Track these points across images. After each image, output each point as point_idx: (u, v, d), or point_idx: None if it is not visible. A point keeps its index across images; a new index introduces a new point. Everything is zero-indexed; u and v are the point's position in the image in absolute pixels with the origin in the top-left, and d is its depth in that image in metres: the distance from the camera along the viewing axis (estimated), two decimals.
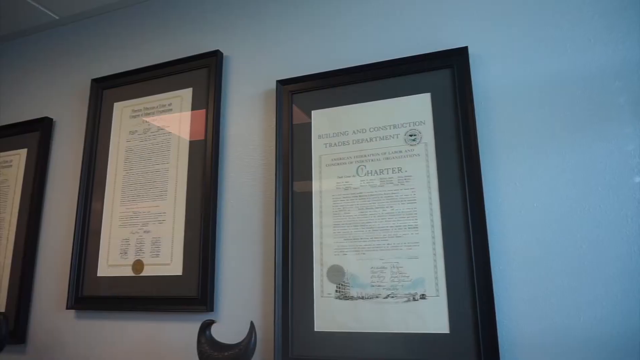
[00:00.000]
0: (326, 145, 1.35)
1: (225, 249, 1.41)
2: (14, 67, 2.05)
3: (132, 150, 1.60)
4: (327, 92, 1.39)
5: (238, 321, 1.35)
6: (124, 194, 1.57)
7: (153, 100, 1.62)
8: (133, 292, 1.47)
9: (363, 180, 1.29)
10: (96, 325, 1.54)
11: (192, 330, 1.39)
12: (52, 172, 1.78)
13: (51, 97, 1.89)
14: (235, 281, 1.38)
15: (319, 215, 1.31)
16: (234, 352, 1.12)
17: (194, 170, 1.48)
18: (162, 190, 1.51)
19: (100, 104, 1.72)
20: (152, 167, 1.55)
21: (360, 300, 1.22)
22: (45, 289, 1.67)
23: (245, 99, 1.51)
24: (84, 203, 1.62)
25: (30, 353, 1.63)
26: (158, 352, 1.42)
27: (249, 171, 1.45)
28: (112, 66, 1.78)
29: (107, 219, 1.57)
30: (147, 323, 1.46)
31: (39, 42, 2.01)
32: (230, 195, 1.45)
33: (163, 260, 1.45)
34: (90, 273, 1.55)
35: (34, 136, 1.83)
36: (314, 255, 1.29)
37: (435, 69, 1.28)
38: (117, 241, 1.54)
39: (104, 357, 1.50)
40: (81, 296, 1.55)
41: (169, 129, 1.56)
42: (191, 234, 1.43)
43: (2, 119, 1.98)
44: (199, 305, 1.36)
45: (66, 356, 1.56)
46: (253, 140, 1.47)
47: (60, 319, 1.60)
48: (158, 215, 1.49)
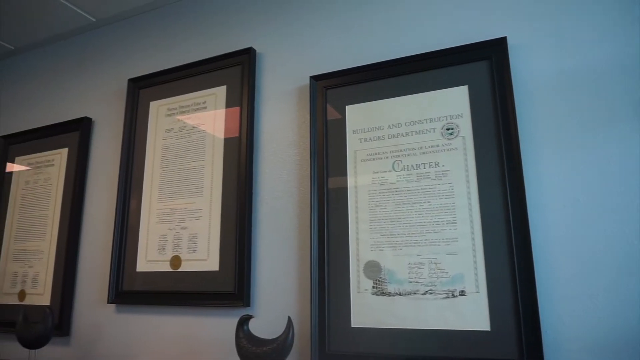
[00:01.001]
0: (361, 140, 1.34)
1: (261, 244, 1.42)
2: (55, 70, 2.11)
3: (168, 148, 1.63)
4: (362, 86, 1.38)
5: (274, 316, 1.35)
6: (161, 191, 1.60)
7: (188, 99, 1.64)
8: (171, 287, 1.50)
9: (399, 175, 1.27)
10: (135, 319, 1.57)
11: (229, 325, 1.41)
12: (92, 170, 1.83)
13: (90, 98, 1.94)
14: (271, 277, 1.39)
15: (355, 210, 1.30)
16: (272, 347, 1.13)
17: (229, 167, 1.49)
18: (198, 187, 1.53)
19: (137, 104, 1.75)
20: (187, 165, 1.57)
21: (397, 296, 1.21)
22: (87, 284, 1.72)
23: (278, 95, 1.52)
24: (123, 200, 1.66)
25: (74, 345, 1.68)
26: (196, 346, 1.45)
27: (283, 167, 1.45)
28: (148, 66, 1.81)
29: (145, 215, 1.61)
30: (185, 317, 1.48)
31: (77, 45, 2.07)
32: (265, 191, 1.46)
33: (200, 256, 1.47)
34: (130, 268, 1.59)
35: (74, 136, 1.88)
36: (350, 250, 1.28)
37: (472, 60, 1.26)
38: (155, 237, 1.57)
39: (144, 350, 1.53)
40: (121, 291, 1.59)
41: (203, 126, 1.58)
42: (227, 229, 1.44)
43: (44, 120, 2.04)
44: (235, 300, 1.38)
45: (107, 349, 1.60)
46: (287, 136, 1.47)
47: (102, 313, 1.65)
48: (194, 212, 1.51)
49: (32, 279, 1.81)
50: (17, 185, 1.98)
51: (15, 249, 1.89)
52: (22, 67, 2.24)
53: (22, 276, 1.84)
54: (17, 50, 2.26)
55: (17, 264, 1.87)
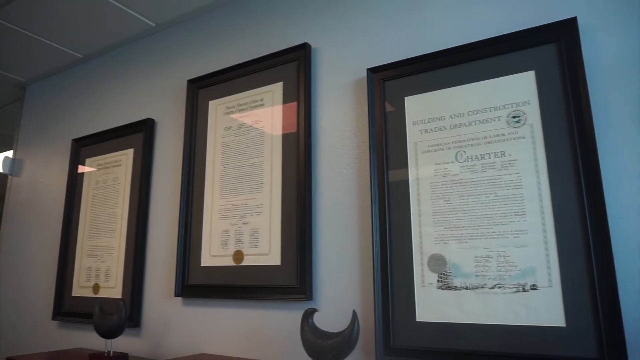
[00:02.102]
0: (421, 131, 1.32)
1: (322, 238, 1.43)
2: (119, 75, 2.22)
3: (228, 145, 1.67)
4: (420, 77, 1.35)
5: (336, 310, 1.36)
6: (222, 187, 1.64)
7: (245, 97, 1.67)
8: (234, 281, 1.54)
9: (463, 166, 1.24)
10: (201, 312, 1.63)
11: (292, 318, 1.43)
12: (156, 169, 1.91)
13: (152, 100, 2.02)
14: (333, 270, 1.39)
15: (417, 203, 1.28)
16: (338, 340, 1.13)
17: (288, 162, 1.51)
18: (258, 183, 1.56)
19: (197, 103, 1.81)
20: (247, 161, 1.60)
21: (464, 290, 1.18)
22: (155, 278, 1.79)
23: (335, 89, 1.52)
24: (186, 197, 1.72)
25: (144, 336, 1.76)
26: (259, 338, 1.48)
27: (342, 161, 1.45)
28: (206, 66, 1.86)
29: (208, 211, 1.66)
30: (249, 310, 1.52)
31: (139, 49, 2.16)
32: (324, 185, 1.46)
33: (262, 250, 1.50)
34: (194, 263, 1.65)
35: (138, 137, 1.97)
36: (413, 244, 1.26)
37: (538, 44, 1.20)
38: (217, 233, 1.61)
39: (210, 341, 1.58)
40: (187, 285, 1.65)
41: (261, 123, 1.60)
42: (288, 224, 1.46)
43: (111, 123, 2.15)
44: (298, 294, 1.39)
45: (176, 340, 1.67)
46: (345, 130, 1.47)
47: (169, 306, 1.72)
48: (255, 207, 1.54)
49: (104, 273, 1.92)
50: (89, 185, 2.10)
51: (89, 245, 2.01)
52: (90, 73, 2.37)
53: (95, 270, 1.96)
54: (84, 58, 2.39)
55: (91, 259, 1.99)
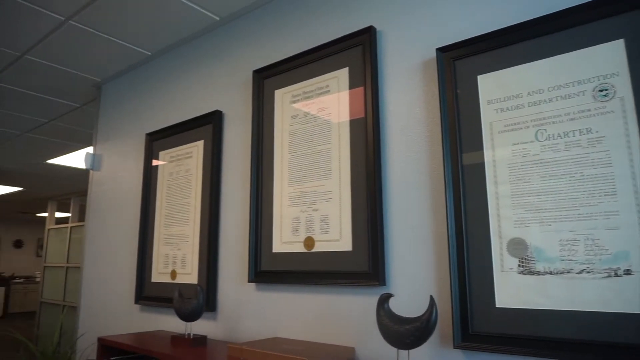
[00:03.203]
0: (497, 110, 1.26)
1: (394, 223, 1.41)
2: (187, 69, 2.30)
3: (295, 133, 1.69)
4: (494, 54, 1.29)
5: (410, 295, 1.34)
6: (291, 175, 1.66)
7: (311, 84, 1.68)
8: (306, 267, 1.56)
9: (544, 146, 1.17)
10: (274, 297, 1.67)
11: (365, 303, 1.43)
12: (226, 159, 1.97)
13: (219, 92, 2.08)
14: (406, 255, 1.37)
15: (494, 185, 1.23)
16: (416, 325, 1.12)
17: (356, 148, 1.50)
18: (327, 169, 1.56)
19: (262, 93, 1.84)
20: (315, 149, 1.61)
21: (547, 275, 1.12)
22: (229, 264, 1.86)
23: (403, 72, 1.48)
24: (256, 185, 1.76)
25: (220, 320, 1.84)
26: (332, 323, 1.49)
27: (412, 145, 1.42)
28: (271, 56, 1.89)
29: (278, 199, 1.69)
30: (321, 296, 1.54)
31: (204, 44, 2.23)
32: (394, 170, 1.44)
33: (332, 236, 1.51)
34: (267, 250, 1.69)
35: (207, 128, 2.04)
36: (491, 228, 1.22)
37: (628, 10, 1.10)
38: (288, 220, 1.64)
39: (283, 326, 1.62)
40: (260, 271, 1.70)
41: (328, 110, 1.60)
42: (358, 210, 1.46)
43: (181, 116, 2.24)
44: (370, 279, 1.39)
45: (250, 324, 1.73)
46: (415, 113, 1.44)
47: (243, 291, 1.78)
48: (325, 194, 1.55)
49: (181, 260, 2.01)
50: (163, 177, 2.20)
51: (165, 233, 2.12)
52: (159, 70, 2.47)
53: (172, 258, 2.06)
54: (153, 56, 2.49)
55: (167, 247, 2.09)
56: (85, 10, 2.07)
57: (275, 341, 1.51)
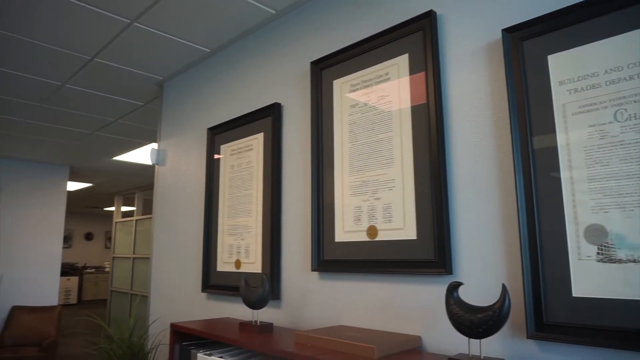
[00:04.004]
0: (570, 91, 1.20)
1: (460, 211, 1.39)
2: (245, 63, 2.35)
3: (355, 123, 1.68)
4: (565, 32, 1.23)
5: (479, 284, 1.32)
6: (352, 164, 1.67)
7: (370, 72, 1.67)
8: (369, 256, 1.57)
9: (624, 127, 1.11)
10: (338, 286, 1.69)
11: (430, 292, 1.41)
12: (286, 151, 2.00)
13: (278, 84, 2.11)
14: (473, 244, 1.34)
15: (568, 170, 1.18)
16: (488, 314, 1.10)
17: (418, 134, 1.48)
18: (389, 158, 1.55)
19: (321, 84, 1.85)
20: (376, 137, 1.60)
21: (631, 263, 1.06)
22: (292, 253, 1.90)
23: (465, 55, 1.44)
24: (316, 176, 1.78)
25: (284, 308, 1.88)
26: (397, 312, 1.49)
27: (478, 130, 1.38)
28: (328, 46, 1.89)
29: (339, 189, 1.70)
30: (385, 285, 1.54)
31: (261, 37, 2.26)
32: (459, 156, 1.41)
33: (396, 225, 1.50)
34: (329, 239, 1.71)
35: (267, 121, 2.08)
36: (566, 214, 1.17)
37: None
38: (350, 209, 1.65)
39: (347, 314, 1.64)
40: (323, 260, 1.72)
41: (388, 97, 1.59)
42: (422, 198, 1.44)
43: (241, 110, 2.29)
44: (436, 268, 1.38)
45: (314, 312, 1.76)
46: (479, 97, 1.39)
47: (306, 280, 1.81)
48: (387, 183, 1.54)
49: (244, 250, 2.08)
50: (225, 170, 2.27)
51: (229, 224, 2.19)
52: (218, 66, 2.54)
53: (236, 248, 2.12)
54: (212, 52, 2.57)
55: (231, 237, 2.16)
56: (149, 11, 2.16)
57: (340, 329, 1.53)
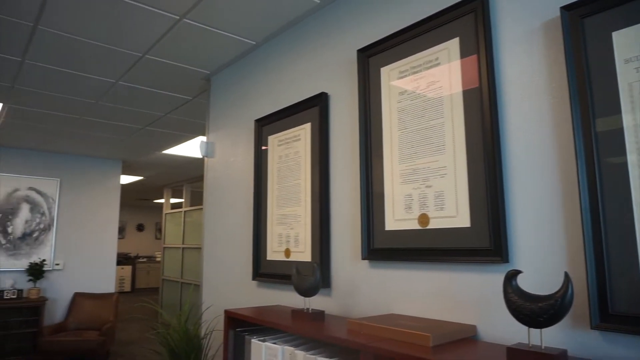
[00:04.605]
0: (638, 69, 1.13)
1: (516, 198, 1.34)
2: (290, 54, 2.36)
3: (404, 110, 1.66)
4: (630, 6, 1.16)
5: (537, 272, 1.28)
6: (402, 152, 1.65)
7: (418, 58, 1.64)
8: (421, 244, 1.55)
9: None
10: (388, 274, 1.68)
11: (485, 280, 1.38)
12: (333, 140, 2.01)
13: (324, 74, 2.11)
14: (531, 231, 1.30)
15: (636, 152, 1.11)
16: (549, 303, 1.07)
17: (471, 120, 1.44)
18: (440, 145, 1.52)
19: (368, 72, 1.83)
20: (426, 124, 1.58)
21: None
22: (341, 242, 1.91)
23: (520, 36, 1.39)
24: (365, 165, 1.77)
25: (335, 296, 1.90)
26: (450, 300, 1.47)
27: (534, 114, 1.33)
28: (374, 33, 1.87)
29: (389, 177, 1.69)
30: (437, 273, 1.52)
31: (306, 27, 2.27)
32: (514, 141, 1.37)
33: (448, 213, 1.48)
34: (379, 227, 1.70)
35: (314, 111, 2.08)
36: (634, 199, 1.11)
37: None
38: (400, 197, 1.64)
39: (398, 303, 1.63)
40: (373, 248, 1.72)
41: (438, 83, 1.56)
42: (476, 184, 1.41)
43: (288, 100, 2.31)
44: (492, 256, 1.34)
45: (364, 300, 1.76)
46: (536, 80, 1.34)
47: (356, 268, 1.82)
48: (438, 170, 1.52)
49: (294, 239, 2.10)
50: (273, 160, 2.30)
51: (278, 214, 2.22)
52: (264, 58, 2.57)
53: (285, 237, 2.16)
54: (258, 45, 2.60)
55: (280, 226, 2.19)
56: (198, 6, 2.20)
57: (392, 317, 1.53)
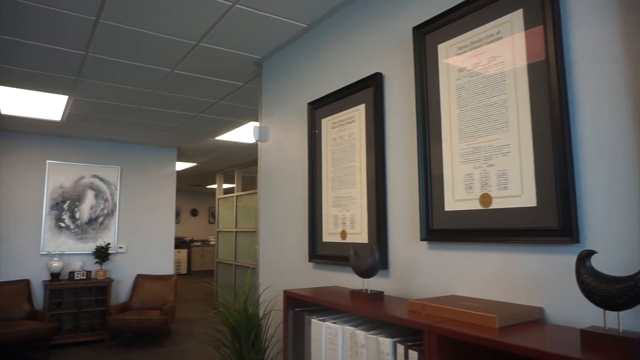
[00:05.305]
0: None
1: (587, 175, 1.28)
2: (342, 36, 2.34)
3: (464, 87, 1.61)
4: None
5: (610, 253, 1.22)
6: (461, 131, 1.61)
7: (478, 33, 1.58)
8: (483, 225, 1.51)
9: None
10: (448, 255, 1.66)
11: (554, 262, 1.33)
12: (389, 120, 1.98)
13: (378, 54, 2.08)
14: (603, 210, 1.24)
15: None
16: (628, 285, 1.01)
17: (537, 95, 1.38)
18: (502, 122, 1.47)
19: (424, 49, 1.79)
20: (487, 101, 1.53)
21: None
22: (398, 224, 1.89)
23: (593, 5, 1.30)
24: (423, 144, 1.74)
25: (392, 277, 1.90)
26: (514, 282, 1.43)
27: (608, 86, 1.25)
28: (430, 10, 1.82)
29: (448, 157, 1.65)
30: (501, 254, 1.48)
31: (358, 7, 2.24)
32: (586, 114, 1.29)
33: (512, 192, 1.43)
34: (438, 208, 1.67)
35: (368, 92, 2.06)
36: None
37: None
38: (460, 177, 1.60)
39: (458, 285, 1.61)
40: (432, 229, 1.70)
41: (500, 58, 1.50)
42: (543, 162, 1.35)
43: (341, 82, 2.30)
44: (561, 236, 1.29)
45: (423, 281, 1.75)
46: (612, 50, 1.25)
47: (415, 250, 1.80)
48: (501, 148, 1.47)
49: (350, 221, 2.11)
50: (327, 143, 2.31)
51: (333, 196, 2.23)
52: (316, 40, 2.57)
53: (341, 219, 2.17)
54: (309, 27, 2.59)
55: (336, 208, 2.21)
56: None
57: (455, 298, 1.51)
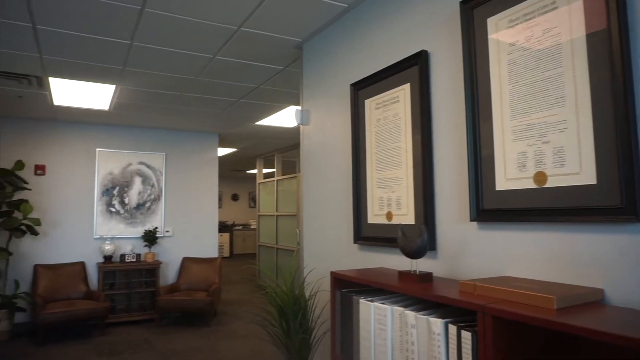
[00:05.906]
0: None
1: None
2: (384, 15, 2.29)
3: (515, 62, 1.55)
4: None
5: None
6: (513, 108, 1.55)
7: (532, 3, 1.51)
8: (537, 204, 1.47)
9: None
10: (500, 235, 1.62)
11: (616, 242, 1.28)
12: (435, 99, 1.94)
13: (422, 31, 2.03)
14: None
15: None
16: None
17: (596, 66, 1.31)
18: (558, 97, 1.41)
19: (472, 24, 1.72)
20: (541, 75, 1.46)
21: None
22: (446, 204, 1.86)
23: None
24: (472, 122, 1.69)
25: (441, 259, 1.87)
26: (572, 264, 1.38)
27: None
28: None
29: (499, 134, 1.60)
30: (557, 234, 1.43)
31: None
32: None
33: (570, 169, 1.37)
34: (489, 187, 1.63)
35: (413, 70, 2.02)
36: None
37: None
38: (512, 155, 1.55)
39: (511, 266, 1.57)
40: (482, 209, 1.66)
41: (556, 29, 1.42)
42: (603, 138, 1.29)
43: (384, 62, 2.26)
44: (624, 215, 1.23)
45: (473, 262, 1.72)
46: None
47: (464, 230, 1.77)
48: (557, 124, 1.41)
49: (395, 202, 2.10)
50: (371, 124, 2.29)
51: (378, 177, 2.22)
52: (357, 20, 2.53)
53: (387, 200, 2.15)
54: (350, 7, 2.55)
55: (381, 190, 2.19)
56: None
57: (507, 279, 1.48)
